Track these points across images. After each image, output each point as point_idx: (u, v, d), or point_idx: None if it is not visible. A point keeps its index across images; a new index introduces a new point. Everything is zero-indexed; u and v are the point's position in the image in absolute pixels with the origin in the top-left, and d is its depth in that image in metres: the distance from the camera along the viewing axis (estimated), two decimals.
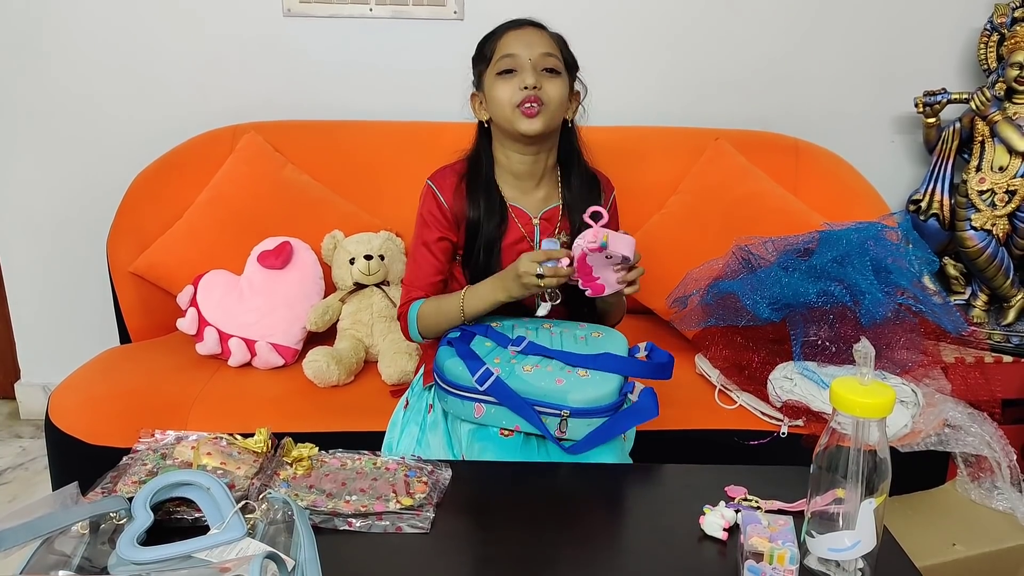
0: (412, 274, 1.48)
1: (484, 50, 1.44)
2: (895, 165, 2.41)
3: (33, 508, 0.91)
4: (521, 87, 1.37)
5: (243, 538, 0.91)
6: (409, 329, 1.45)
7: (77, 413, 1.62)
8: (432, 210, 1.45)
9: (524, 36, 1.40)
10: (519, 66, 1.38)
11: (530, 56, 1.38)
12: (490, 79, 1.41)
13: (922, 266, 1.69)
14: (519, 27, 1.42)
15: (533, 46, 1.39)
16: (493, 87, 1.41)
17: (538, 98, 1.37)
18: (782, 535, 0.94)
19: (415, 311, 1.43)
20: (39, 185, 2.29)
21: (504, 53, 1.39)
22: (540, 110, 1.38)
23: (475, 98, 1.48)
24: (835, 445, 0.89)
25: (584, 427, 1.25)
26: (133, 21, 2.18)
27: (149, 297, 1.98)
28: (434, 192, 1.46)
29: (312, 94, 2.26)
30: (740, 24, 2.28)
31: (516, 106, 1.38)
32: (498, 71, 1.39)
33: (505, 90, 1.39)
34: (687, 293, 1.82)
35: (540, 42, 1.40)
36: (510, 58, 1.38)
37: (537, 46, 1.39)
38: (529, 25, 1.42)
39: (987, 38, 2.19)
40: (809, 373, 1.58)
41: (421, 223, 1.47)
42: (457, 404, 1.31)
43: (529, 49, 1.38)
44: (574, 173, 1.49)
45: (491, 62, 1.41)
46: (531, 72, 1.37)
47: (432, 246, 1.45)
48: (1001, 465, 1.59)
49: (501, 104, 1.39)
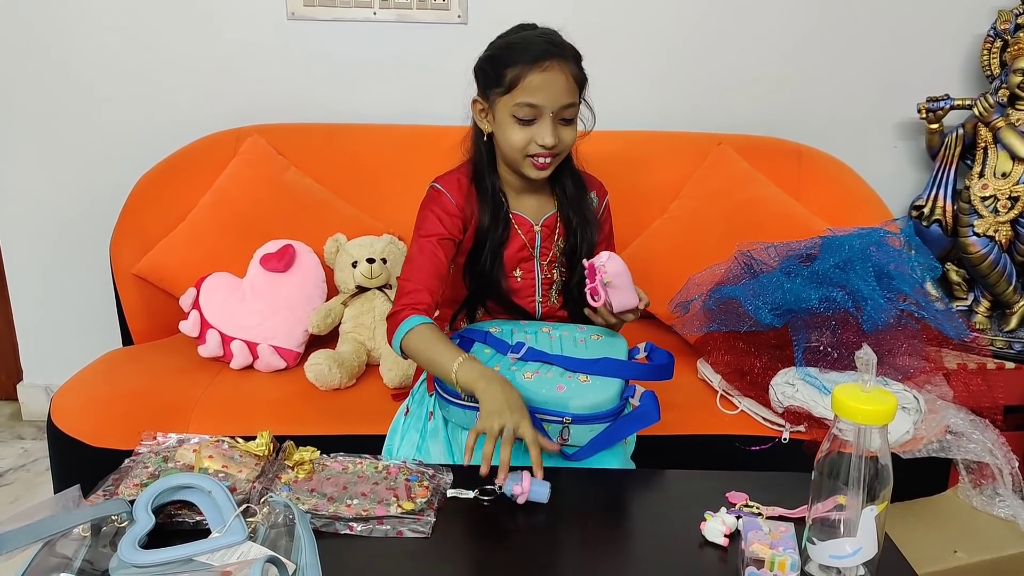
0: (411, 272, 1.37)
1: (500, 73, 1.32)
2: (898, 171, 2.41)
3: (35, 511, 0.91)
4: (539, 143, 1.32)
5: (244, 541, 0.91)
6: (394, 338, 1.31)
7: (79, 415, 1.62)
8: (440, 209, 1.39)
9: (549, 81, 1.30)
10: (539, 116, 1.32)
11: (552, 109, 1.31)
12: (503, 111, 1.34)
13: (924, 272, 1.69)
14: (544, 66, 1.30)
15: (557, 96, 1.31)
16: (506, 125, 1.34)
17: (552, 152, 1.34)
18: (783, 542, 0.94)
19: (407, 328, 1.29)
20: (43, 187, 2.30)
21: (526, 101, 1.30)
22: (552, 162, 1.37)
23: (477, 104, 1.41)
24: (837, 451, 0.89)
25: (587, 433, 1.24)
26: (137, 24, 2.19)
27: (152, 299, 1.99)
28: (442, 192, 1.41)
29: (315, 97, 2.27)
30: (743, 29, 2.28)
31: (528, 155, 1.35)
32: (515, 115, 1.32)
33: (520, 137, 1.33)
34: (689, 298, 1.82)
35: (564, 90, 1.31)
36: (532, 108, 1.31)
37: (560, 96, 1.31)
38: (554, 60, 1.31)
39: (990, 44, 2.19)
40: (811, 379, 1.58)
41: (427, 221, 1.40)
42: (459, 413, 1.30)
43: (552, 100, 1.31)
44: (567, 178, 1.46)
45: (507, 92, 1.32)
46: (550, 129, 1.32)
47: (436, 243, 1.37)
48: (1003, 472, 1.59)
49: (512, 146, 1.35)
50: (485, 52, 1.40)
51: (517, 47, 1.33)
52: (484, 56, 1.39)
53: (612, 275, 1.27)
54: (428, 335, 1.28)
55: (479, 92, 1.40)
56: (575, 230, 1.45)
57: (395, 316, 1.32)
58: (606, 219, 1.54)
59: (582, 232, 1.45)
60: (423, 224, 1.41)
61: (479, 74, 1.39)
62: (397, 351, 1.32)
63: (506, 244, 1.44)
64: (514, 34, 1.39)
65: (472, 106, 1.42)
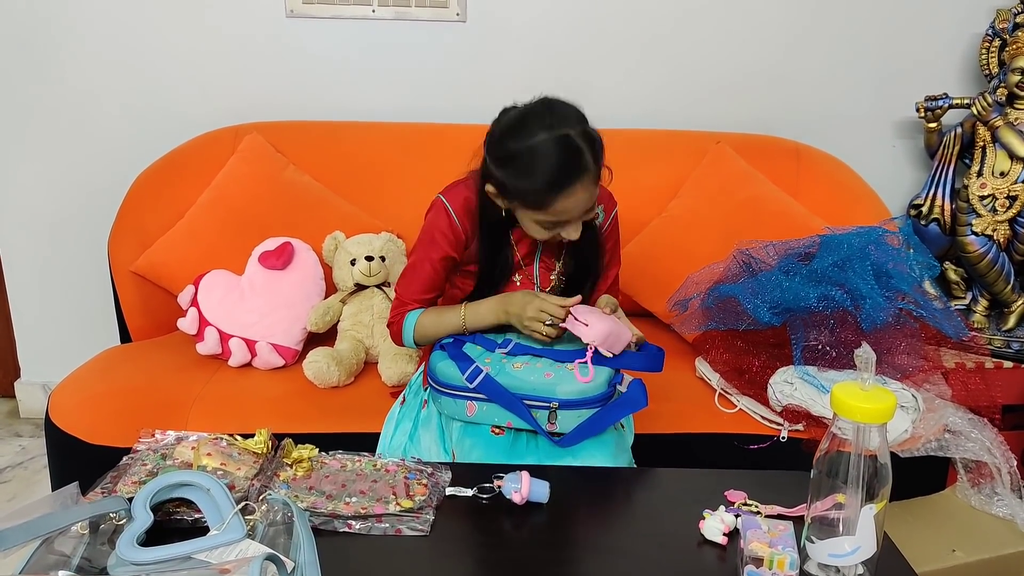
0: (408, 286, 1.45)
1: (522, 193, 1.28)
2: (896, 169, 2.41)
3: (33, 508, 0.91)
4: (565, 237, 1.33)
5: (243, 539, 0.91)
6: (404, 336, 1.44)
7: (77, 412, 1.62)
8: (442, 228, 1.40)
9: (575, 202, 1.27)
10: (566, 225, 1.32)
11: (578, 217, 1.31)
12: (525, 217, 1.33)
13: (923, 271, 1.69)
14: (569, 191, 1.25)
15: (582, 210, 1.30)
16: (530, 226, 1.33)
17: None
18: (782, 540, 0.94)
19: (413, 319, 1.43)
20: (41, 184, 2.29)
21: (552, 220, 1.29)
22: None
23: (490, 186, 1.34)
24: (835, 450, 0.89)
25: (574, 419, 1.27)
26: (136, 21, 2.18)
27: (150, 297, 1.98)
28: (447, 210, 1.40)
29: (314, 95, 2.26)
30: (742, 28, 2.28)
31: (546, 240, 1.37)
32: (542, 224, 1.31)
33: (544, 234, 1.33)
34: (688, 296, 1.82)
35: (587, 201, 1.29)
36: (559, 224, 1.31)
37: (585, 206, 1.29)
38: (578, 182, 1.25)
39: (989, 43, 2.19)
40: (809, 378, 1.58)
41: (428, 238, 1.42)
42: (450, 404, 1.34)
43: (578, 213, 1.30)
44: None
45: (530, 208, 1.29)
46: (576, 228, 1.32)
47: (436, 263, 1.42)
48: (1001, 471, 1.59)
49: (533, 236, 1.36)
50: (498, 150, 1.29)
51: (535, 169, 1.25)
52: (501, 158, 1.29)
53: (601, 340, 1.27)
54: (430, 315, 1.43)
55: (493, 181, 1.32)
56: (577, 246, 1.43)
57: (395, 323, 1.45)
58: (612, 231, 1.53)
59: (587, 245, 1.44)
60: (424, 241, 1.44)
61: (492, 171, 1.31)
62: (411, 344, 1.45)
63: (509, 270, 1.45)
64: (527, 137, 1.25)
65: (483, 183, 1.35)
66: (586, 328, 1.26)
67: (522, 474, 1.08)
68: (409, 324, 1.43)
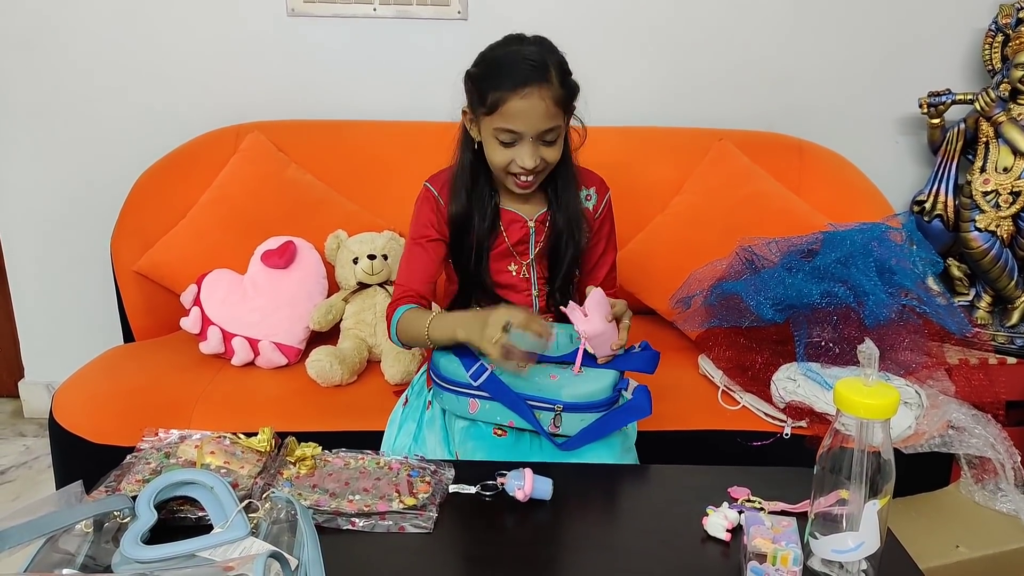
0: (405, 274, 1.44)
1: (483, 94, 1.31)
2: (899, 166, 2.40)
3: (37, 506, 0.91)
4: (520, 164, 1.33)
5: (246, 537, 0.91)
6: (391, 331, 1.40)
7: (81, 412, 1.62)
8: (430, 211, 1.43)
9: (528, 108, 1.29)
10: (519, 140, 1.32)
11: (532, 133, 1.31)
12: (486, 130, 1.35)
13: (926, 267, 1.69)
14: (523, 93, 1.28)
15: (535, 122, 1.30)
16: (489, 144, 1.35)
17: (533, 171, 1.34)
18: (785, 536, 0.94)
19: (398, 317, 1.38)
20: (43, 183, 2.30)
21: (505, 126, 1.31)
22: (533, 180, 1.37)
23: (466, 115, 1.40)
24: (839, 446, 0.89)
25: (577, 422, 1.26)
26: (137, 20, 2.18)
27: (153, 296, 1.99)
28: (433, 194, 1.43)
29: (316, 94, 2.26)
30: (744, 24, 2.27)
31: (510, 173, 1.36)
32: (496, 136, 1.33)
33: (501, 157, 1.34)
34: (690, 294, 1.82)
35: (543, 115, 1.30)
36: (510, 133, 1.31)
37: (539, 122, 1.30)
38: (534, 86, 1.28)
39: (992, 39, 2.19)
40: (812, 374, 1.58)
41: (418, 224, 1.44)
42: (452, 400, 1.32)
43: (531, 126, 1.30)
44: (559, 177, 1.45)
45: (489, 114, 1.32)
46: (530, 150, 1.32)
47: (427, 247, 1.42)
48: (1005, 467, 1.58)
49: (494, 164, 1.36)
50: (473, 65, 1.37)
51: (500, 69, 1.31)
52: (471, 71, 1.37)
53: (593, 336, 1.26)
54: (408, 317, 1.37)
55: (468, 103, 1.39)
56: (559, 231, 1.45)
57: (388, 316, 1.41)
58: (606, 217, 1.53)
59: (568, 233, 1.45)
60: (415, 226, 1.45)
61: (466, 87, 1.38)
62: (397, 342, 1.41)
63: (492, 239, 1.44)
64: (502, 48, 1.35)
65: (462, 115, 1.41)
66: (585, 318, 1.25)
67: (525, 471, 1.08)
68: (394, 321, 1.38)
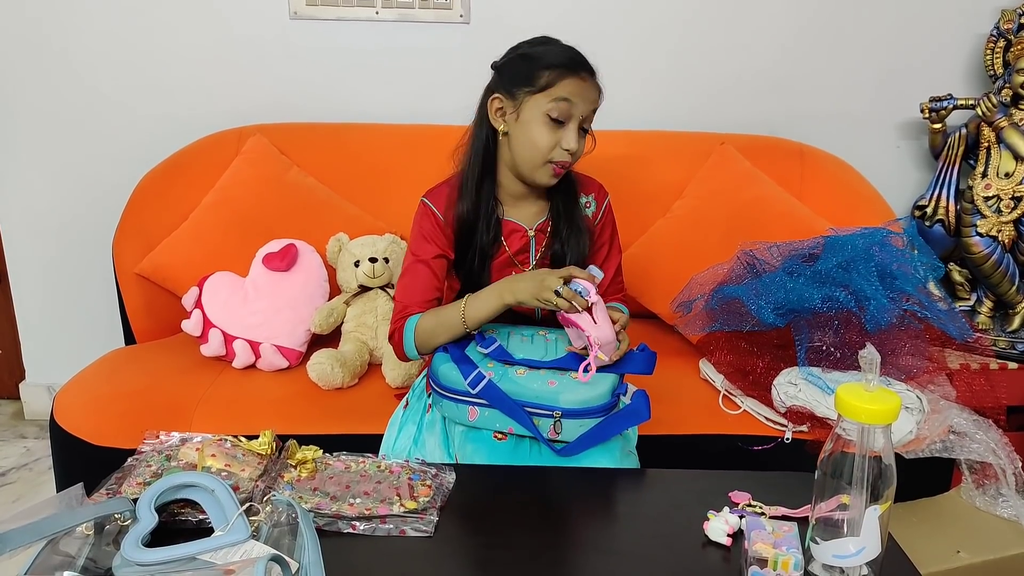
0: (407, 291, 1.41)
1: (535, 73, 1.33)
2: (901, 170, 2.40)
3: (38, 509, 0.91)
4: (563, 147, 1.34)
5: (247, 540, 0.91)
6: (405, 345, 1.37)
7: (82, 414, 1.62)
8: (430, 227, 1.42)
9: (585, 88, 1.34)
10: (570, 119, 1.33)
11: (584, 113, 1.34)
12: (533, 109, 1.34)
13: (927, 272, 1.69)
14: (581, 75, 1.33)
15: (589, 103, 1.35)
16: (536, 125, 1.34)
17: (571, 160, 1.37)
18: (786, 541, 0.94)
19: (412, 325, 1.36)
20: (45, 185, 2.30)
21: (564, 96, 1.32)
22: (564, 171, 1.39)
23: (496, 102, 1.38)
24: (840, 451, 0.89)
25: (577, 428, 1.26)
26: (141, 23, 2.19)
27: (154, 298, 1.99)
28: (430, 208, 1.42)
29: (318, 97, 2.27)
30: (746, 29, 2.28)
31: (549, 161, 1.36)
32: (549, 112, 1.33)
33: (548, 139, 1.34)
34: (692, 298, 1.82)
35: (593, 100, 1.36)
36: (568, 104, 1.32)
37: (590, 103, 1.35)
38: (587, 74, 1.35)
39: (993, 44, 2.19)
40: (814, 379, 1.58)
41: (419, 240, 1.43)
42: (452, 408, 1.32)
43: (586, 105, 1.34)
44: (561, 184, 1.45)
45: (541, 92, 1.33)
46: (576, 134, 1.34)
47: (430, 263, 1.41)
48: (1006, 472, 1.58)
49: (536, 148, 1.35)
50: (514, 52, 1.39)
51: (553, 52, 1.35)
52: (514, 55, 1.38)
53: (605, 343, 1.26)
54: (429, 317, 1.37)
55: (502, 89, 1.37)
56: (563, 239, 1.45)
57: (395, 333, 1.39)
58: (607, 223, 1.53)
59: (571, 241, 1.45)
60: (414, 243, 1.44)
61: (505, 71, 1.38)
62: (414, 355, 1.39)
63: (494, 248, 1.44)
64: (541, 44, 1.38)
65: (489, 103, 1.39)
66: (595, 325, 1.25)
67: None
68: (409, 329, 1.36)
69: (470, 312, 1.33)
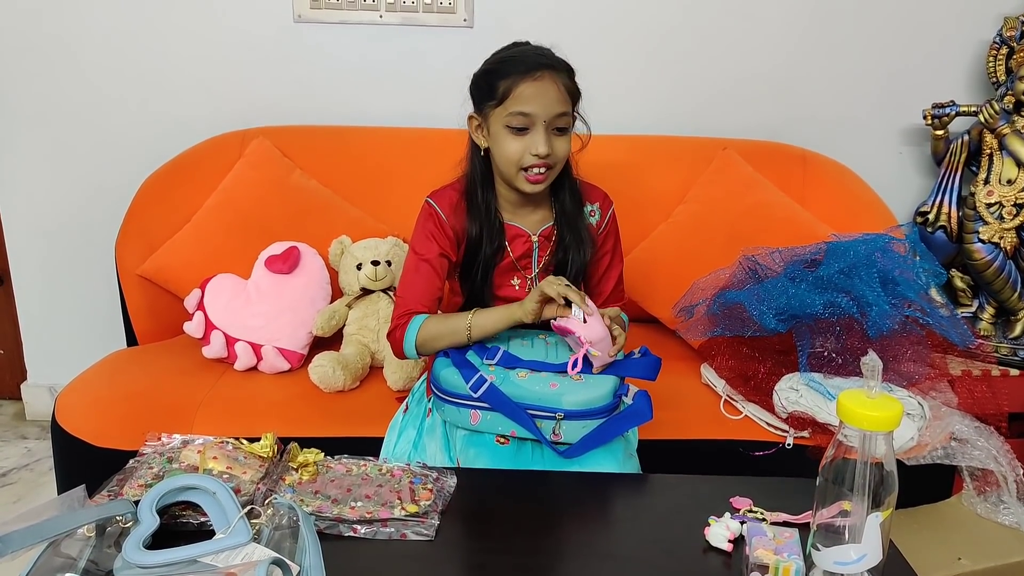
0: (409, 289, 1.42)
1: (494, 86, 1.34)
2: (903, 177, 2.40)
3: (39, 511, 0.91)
4: (532, 152, 1.33)
5: (248, 543, 0.91)
6: (405, 343, 1.37)
7: (83, 415, 1.62)
8: (433, 227, 1.42)
9: (541, 90, 1.31)
10: (532, 125, 1.33)
11: (545, 117, 1.32)
12: (497, 123, 1.35)
13: (929, 278, 1.69)
14: (536, 76, 1.31)
15: (549, 105, 1.32)
16: (501, 137, 1.35)
17: (547, 163, 1.35)
18: (787, 547, 0.94)
19: (416, 326, 1.36)
20: (48, 187, 2.31)
21: (519, 110, 1.32)
22: (545, 175, 1.37)
23: (473, 120, 1.41)
24: (841, 457, 0.89)
25: (579, 430, 1.26)
26: (144, 26, 2.19)
27: (156, 300, 1.99)
28: (435, 209, 1.43)
29: (321, 100, 2.27)
30: (748, 34, 2.28)
31: (522, 168, 1.35)
32: (508, 124, 1.33)
33: (514, 148, 1.34)
34: (693, 303, 1.82)
35: (556, 99, 1.32)
36: (524, 117, 1.32)
37: (553, 105, 1.32)
38: (546, 71, 1.32)
39: (996, 51, 2.19)
40: (815, 385, 1.58)
41: (422, 239, 1.43)
42: (454, 412, 1.32)
43: (545, 108, 1.31)
44: (564, 191, 1.46)
45: (500, 104, 1.33)
46: (543, 137, 1.32)
47: (433, 262, 1.41)
48: (1007, 479, 1.58)
49: (506, 160, 1.35)
50: (480, 69, 1.41)
51: (510, 61, 1.35)
52: (478, 72, 1.40)
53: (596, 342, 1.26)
54: (434, 320, 1.36)
55: (474, 107, 1.41)
56: (566, 246, 1.46)
57: (396, 330, 1.39)
58: (611, 231, 1.53)
59: (575, 249, 1.45)
60: (417, 242, 1.44)
61: (474, 90, 1.41)
62: (412, 354, 1.38)
63: (498, 257, 1.45)
64: (509, 49, 1.40)
65: (468, 122, 1.42)
66: (584, 324, 1.25)
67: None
68: (412, 329, 1.36)
69: (476, 326, 1.34)
